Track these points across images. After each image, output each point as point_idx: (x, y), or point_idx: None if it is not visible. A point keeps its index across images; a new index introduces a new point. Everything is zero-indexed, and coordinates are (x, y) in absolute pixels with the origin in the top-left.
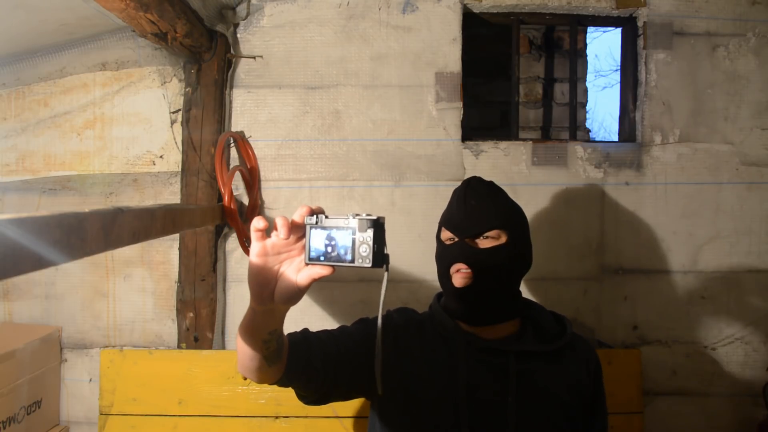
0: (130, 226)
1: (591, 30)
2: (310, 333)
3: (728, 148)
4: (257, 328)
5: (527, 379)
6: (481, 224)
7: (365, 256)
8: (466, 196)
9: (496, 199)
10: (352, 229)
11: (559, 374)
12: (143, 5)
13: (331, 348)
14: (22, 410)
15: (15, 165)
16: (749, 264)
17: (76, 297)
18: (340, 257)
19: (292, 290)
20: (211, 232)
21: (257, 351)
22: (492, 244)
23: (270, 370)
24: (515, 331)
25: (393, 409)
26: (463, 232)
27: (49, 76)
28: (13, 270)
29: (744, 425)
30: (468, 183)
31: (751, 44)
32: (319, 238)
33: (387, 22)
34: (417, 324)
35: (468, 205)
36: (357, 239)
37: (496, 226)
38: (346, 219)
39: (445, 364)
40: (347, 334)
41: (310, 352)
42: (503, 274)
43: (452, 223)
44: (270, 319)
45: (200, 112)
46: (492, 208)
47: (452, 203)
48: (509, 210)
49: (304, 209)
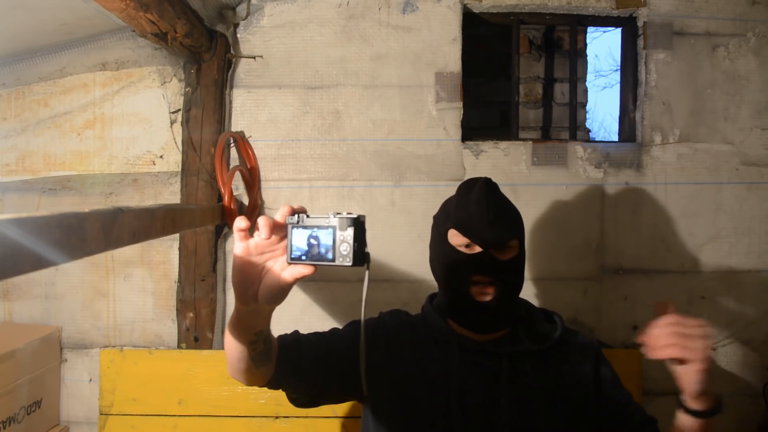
0: (130, 226)
1: (591, 30)
2: (301, 335)
3: (728, 148)
4: (243, 328)
5: (520, 380)
6: (505, 234)
7: (346, 254)
8: (488, 201)
9: (510, 206)
10: (333, 228)
11: (554, 373)
12: (143, 5)
13: (322, 351)
14: (22, 410)
15: (15, 165)
16: (749, 264)
17: (76, 297)
18: (321, 256)
19: (275, 290)
20: (211, 232)
21: (244, 352)
22: (511, 255)
23: (258, 372)
24: (507, 332)
25: (385, 412)
26: (487, 243)
27: (49, 76)
28: (13, 270)
29: (744, 425)
30: (486, 186)
31: (751, 44)
32: (301, 238)
33: (387, 22)
34: (409, 326)
35: (490, 211)
36: (338, 238)
37: (514, 236)
38: (327, 218)
39: (437, 366)
40: (338, 337)
41: (299, 355)
42: (520, 284)
43: (472, 230)
44: (255, 319)
45: (200, 112)
46: (510, 216)
47: (468, 208)
48: (519, 216)
49: (286, 209)
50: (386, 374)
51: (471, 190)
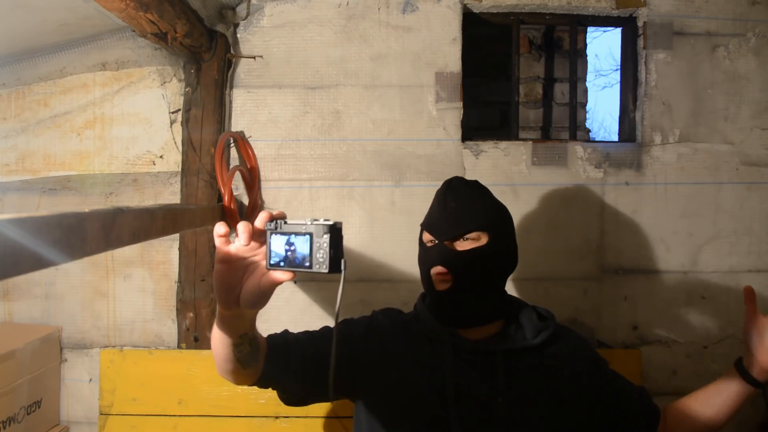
0: (130, 226)
1: (591, 30)
2: (290, 335)
3: (728, 148)
4: (227, 332)
5: (515, 377)
6: (459, 226)
7: (322, 261)
8: (445, 197)
9: (477, 199)
10: (310, 234)
11: (549, 370)
12: (143, 5)
13: (311, 350)
14: (22, 410)
15: (15, 165)
16: (749, 264)
17: (76, 297)
18: (299, 262)
19: (256, 294)
20: (211, 232)
21: (230, 354)
22: (471, 246)
23: (245, 373)
24: (499, 330)
25: (378, 411)
26: (442, 235)
27: (49, 76)
28: (13, 270)
29: (744, 425)
30: (448, 184)
31: (751, 44)
32: (279, 244)
33: (387, 22)
34: (402, 325)
35: (447, 207)
36: (314, 245)
37: (475, 227)
38: (304, 224)
39: (431, 365)
40: (328, 336)
41: (288, 355)
42: (483, 275)
43: (432, 225)
44: (238, 323)
45: (200, 112)
46: (471, 210)
47: (433, 205)
48: (490, 210)
49: (265, 215)
50: (379, 373)
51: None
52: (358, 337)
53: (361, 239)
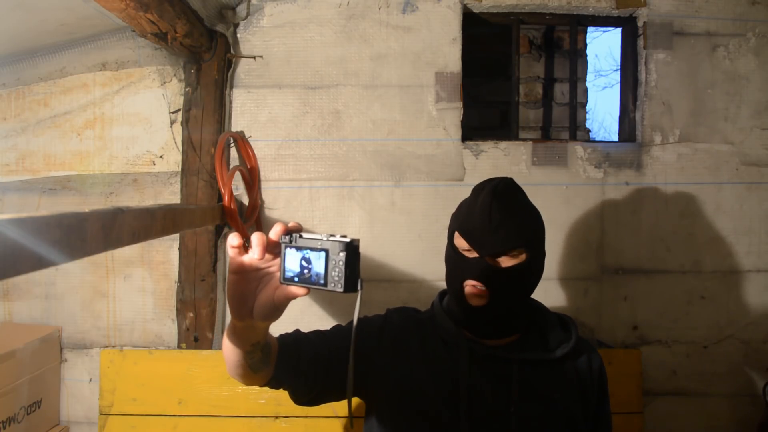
0: (130, 226)
1: (591, 30)
2: (301, 335)
3: (728, 148)
4: (239, 341)
5: (530, 387)
6: (504, 243)
7: (337, 280)
8: (491, 207)
9: (522, 212)
10: (326, 251)
11: (563, 382)
12: (143, 5)
13: (323, 350)
14: (22, 410)
15: (15, 165)
16: (749, 264)
17: (76, 297)
18: (314, 280)
19: (269, 308)
20: (211, 232)
21: (241, 360)
22: (512, 263)
23: (257, 376)
24: (518, 338)
25: (390, 411)
26: (484, 249)
27: (49, 76)
28: (13, 270)
29: (744, 425)
30: (494, 191)
31: (751, 44)
32: (294, 259)
33: (387, 22)
34: (417, 324)
35: (492, 218)
36: (330, 262)
37: (519, 245)
38: (321, 240)
39: (445, 368)
40: (340, 336)
41: (299, 356)
42: (520, 292)
43: (472, 235)
44: (251, 333)
45: (200, 112)
46: (517, 225)
47: (473, 211)
48: (533, 225)
49: (280, 228)
50: (392, 373)
51: (479, 194)
52: (372, 337)
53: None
